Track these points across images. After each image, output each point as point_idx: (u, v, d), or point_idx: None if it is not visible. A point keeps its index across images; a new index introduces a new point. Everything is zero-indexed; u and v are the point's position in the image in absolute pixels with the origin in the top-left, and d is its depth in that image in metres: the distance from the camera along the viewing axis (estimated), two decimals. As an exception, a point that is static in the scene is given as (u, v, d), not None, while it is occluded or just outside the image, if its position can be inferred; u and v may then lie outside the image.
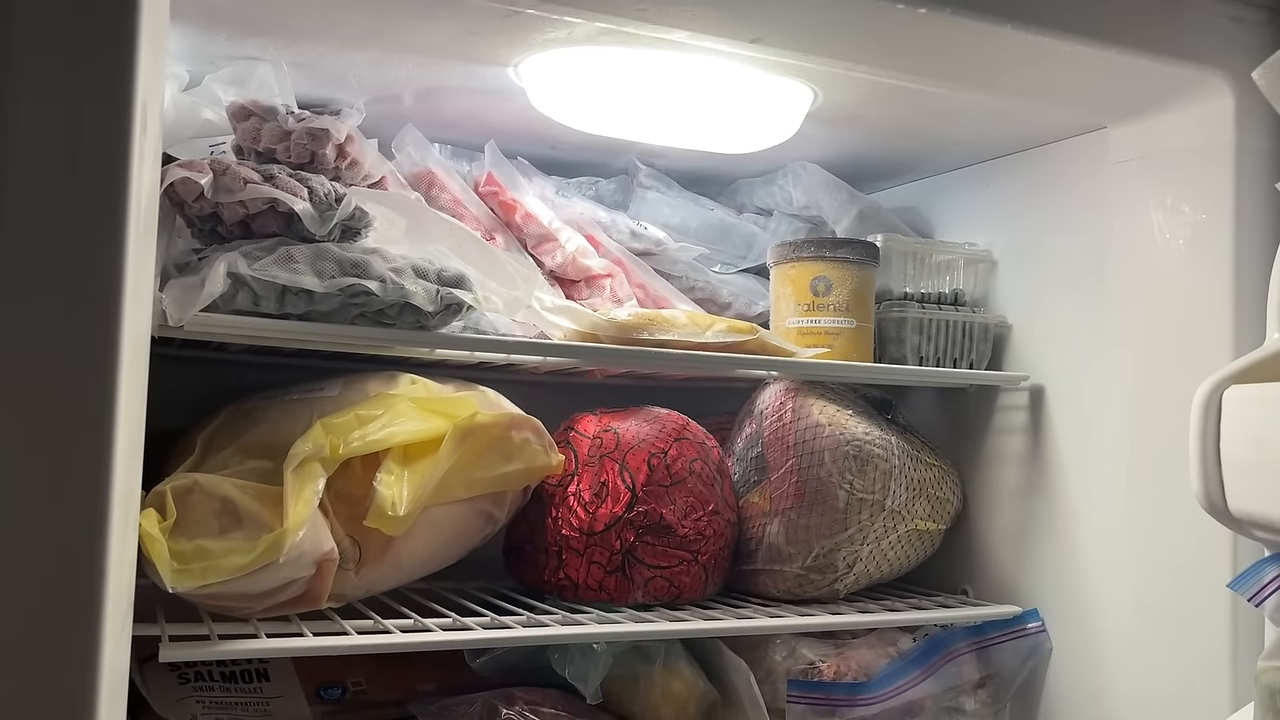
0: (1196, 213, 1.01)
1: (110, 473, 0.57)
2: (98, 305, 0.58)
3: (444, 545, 1.02)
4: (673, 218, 1.25)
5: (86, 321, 0.58)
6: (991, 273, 1.25)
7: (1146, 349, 1.06)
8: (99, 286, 0.58)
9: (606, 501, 1.07)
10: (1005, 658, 1.15)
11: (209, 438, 0.97)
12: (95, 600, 0.60)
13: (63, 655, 0.59)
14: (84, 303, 0.58)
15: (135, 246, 0.61)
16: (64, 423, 0.58)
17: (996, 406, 1.24)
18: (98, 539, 0.59)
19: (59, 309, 0.58)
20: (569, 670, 1.05)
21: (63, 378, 0.58)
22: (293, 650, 0.86)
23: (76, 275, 0.58)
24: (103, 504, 0.59)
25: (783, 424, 1.15)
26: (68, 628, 0.59)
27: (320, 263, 0.85)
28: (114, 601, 0.61)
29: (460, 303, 0.89)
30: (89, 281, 0.58)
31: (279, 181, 0.86)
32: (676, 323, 1.02)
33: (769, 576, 1.15)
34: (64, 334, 0.58)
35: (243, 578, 0.82)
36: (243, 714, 1.06)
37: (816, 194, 1.25)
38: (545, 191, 1.19)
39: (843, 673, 1.09)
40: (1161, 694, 1.03)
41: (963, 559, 1.26)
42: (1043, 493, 1.17)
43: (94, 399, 0.59)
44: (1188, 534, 1.00)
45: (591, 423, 1.13)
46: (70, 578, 0.59)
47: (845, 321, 1.14)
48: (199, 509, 0.82)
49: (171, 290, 0.81)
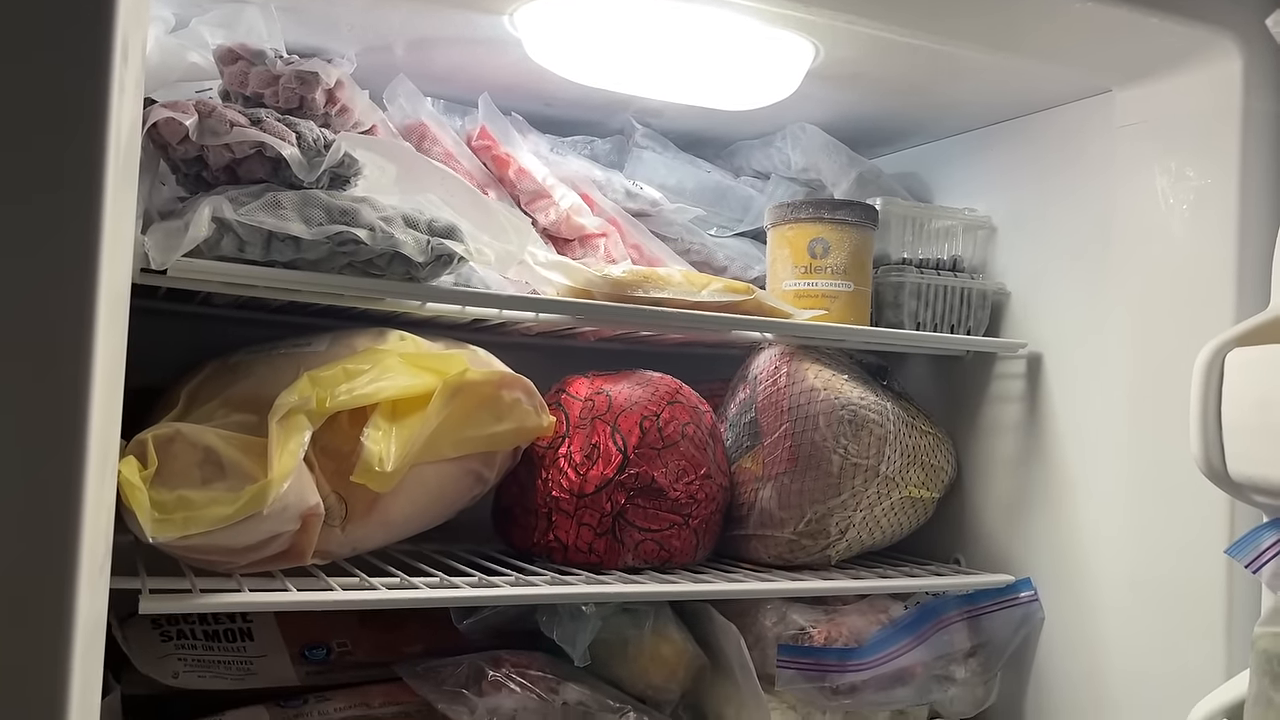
0: (1202, 177, 1.00)
1: (87, 410, 0.55)
2: (76, 236, 0.56)
3: (432, 504, 1.01)
4: (669, 178, 1.23)
5: (63, 256, 0.56)
6: (991, 239, 1.24)
7: (1147, 315, 1.04)
8: (77, 217, 0.56)
9: (598, 463, 1.05)
10: (997, 626, 1.14)
11: (193, 391, 0.95)
12: (70, 547, 0.58)
13: (36, 603, 0.57)
14: (61, 234, 0.56)
15: (115, 180, 0.59)
16: (39, 359, 0.56)
17: (993, 375, 1.22)
18: (73, 482, 0.58)
19: (34, 242, 0.56)
20: (557, 632, 1.03)
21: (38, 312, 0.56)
22: (276, 604, 0.84)
23: (52, 206, 0.56)
24: (78, 444, 0.57)
25: (777, 388, 1.13)
26: (41, 574, 0.57)
27: (308, 209, 0.83)
28: (90, 548, 0.60)
29: (451, 254, 0.87)
30: (66, 212, 0.56)
31: (266, 125, 0.83)
32: (672, 281, 1.00)
33: (760, 542, 1.14)
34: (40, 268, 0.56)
35: (226, 530, 0.80)
36: (225, 672, 1.05)
37: (815, 156, 1.23)
38: (540, 149, 1.16)
39: (834, 638, 1.08)
40: (1155, 663, 1.02)
41: (955, 528, 1.25)
42: (1038, 461, 1.16)
43: (71, 336, 0.57)
44: (1185, 503, 0.99)
45: (583, 385, 1.11)
46: (44, 523, 0.57)
47: (843, 285, 1.12)
48: (181, 458, 0.80)
49: (154, 234, 0.79)
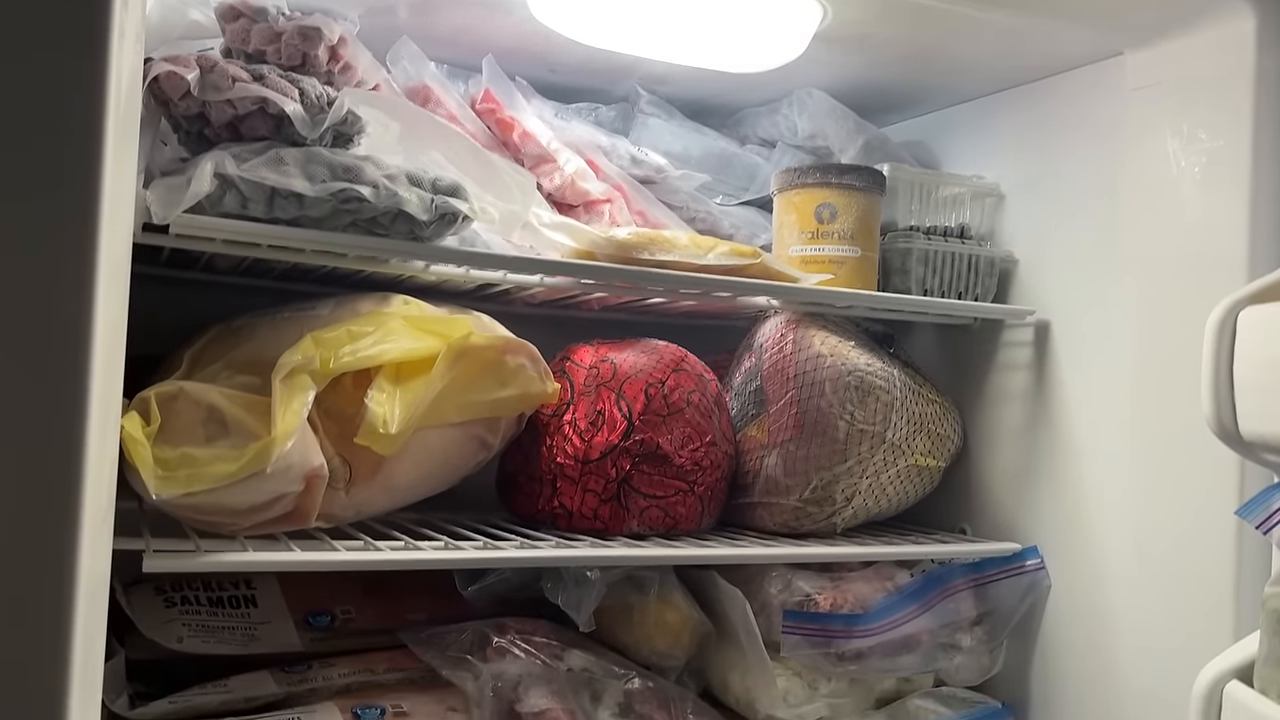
0: (1214, 139, 0.99)
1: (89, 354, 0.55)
2: (76, 179, 0.55)
3: (436, 469, 1.00)
4: (674, 145, 1.22)
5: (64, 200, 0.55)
6: (999, 207, 1.23)
7: (1158, 281, 1.04)
8: (78, 161, 0.55)
9: (602, 430, 1.05)
10: (1003, 595, 1.14)
11: (196, 354, 0.95)
12: (72, 497, 0.57)
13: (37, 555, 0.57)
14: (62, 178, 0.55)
15: (115, 130, 0.58)
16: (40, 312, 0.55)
17: (1000, 343, 1.22)
18: (75, 432, 0.57)
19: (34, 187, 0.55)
20: (562, 598, 1.03)
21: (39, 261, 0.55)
22: (279, 564, 0.84)
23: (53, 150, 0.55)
24: (80, 393, 0.56)
25: (783, 355, 1.13)
26: (43, 524, 0.57)
27: (311, 166, 0.82)
28: (92, 504, 0.59)
29: (456, 212, 0.86)
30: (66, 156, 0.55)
31: (269, 81, 0.82)
32: (678, 243, 1.00)
33: (766, 510, 1.13)
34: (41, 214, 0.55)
35: (229, 488, 0.80)
36: (229, 638, 1.04)
37: (822, 122, 1.22)
38: (544, 114, 1.15)
39: (839, 605, 1.07)
40: (1162, 628, 1.02)
41: (961, 498, 1.24)
42: (1045, 429, 1.16)
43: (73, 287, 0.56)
44: (1193, 468, 0.99)
45: (588, 353, 1.11)
46: (46, 478, 0.56)
47: (849, 250, 1.11)
48: (184, 416, 0.80)
49: (156, 188, 0.78)
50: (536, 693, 1.00)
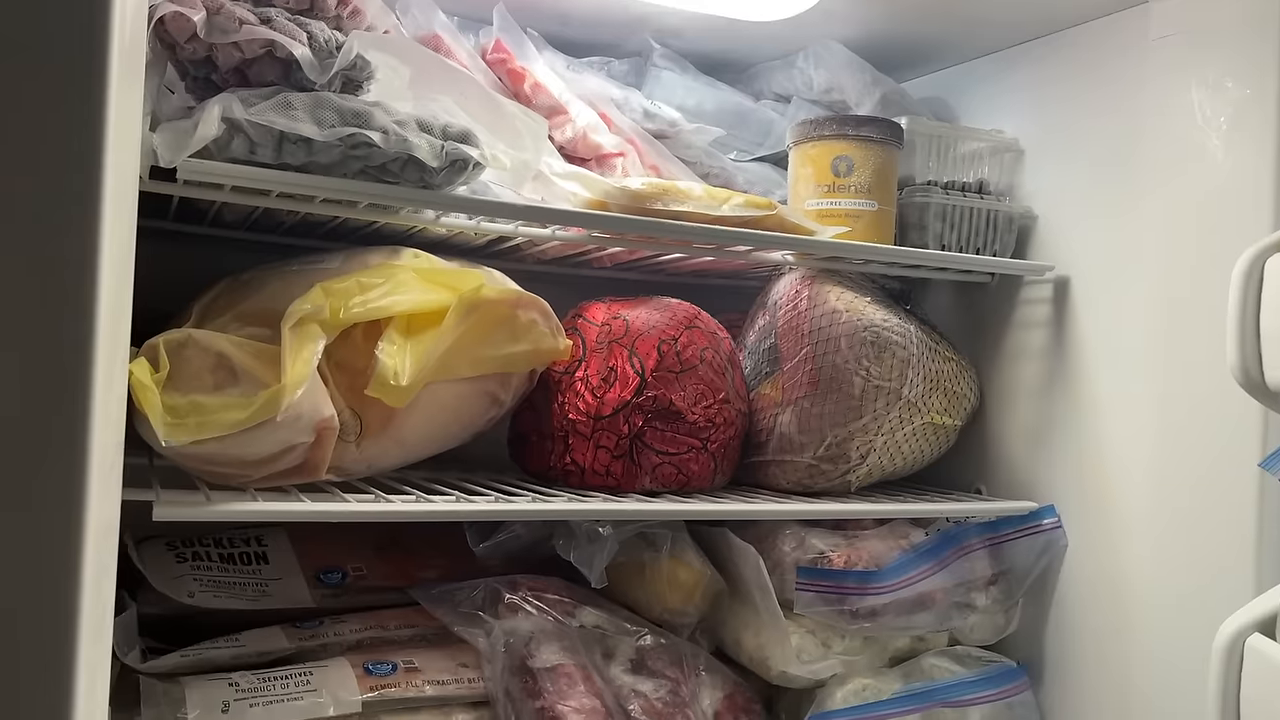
0: (1240, 88, 0.97)
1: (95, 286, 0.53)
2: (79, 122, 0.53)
3: (448, 424, 0.99)
4: (688, 100, 1.20)
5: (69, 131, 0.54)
6: (1018, 162, 1.21)
7: (1181, 233, 1.02)
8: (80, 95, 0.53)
9: (615, 386, 1.04)
10: (1019, 554, 1.13)
11: (205, 306, 0.94)
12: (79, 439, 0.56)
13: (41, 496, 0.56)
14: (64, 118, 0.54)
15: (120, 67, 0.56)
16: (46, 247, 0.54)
17: (1018, 300, 1.20)
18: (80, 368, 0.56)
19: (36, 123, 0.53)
20: (574, 554, 1.02)
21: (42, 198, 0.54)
22: (288, 514, 0.83)
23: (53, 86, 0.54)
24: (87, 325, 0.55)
25: (798, 312, 1.11)
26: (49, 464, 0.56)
27: (320, 111, 0.80)
28: (99, 443, 0.58)
29: (467, 159, 0.85)
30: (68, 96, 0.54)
31: (277, 25, 0.81)
32: (692, 194, 0.98)
33: (779, 468, 1.12)
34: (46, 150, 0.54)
35: (239, 437, 0.79)
36: (241, 593, 1.04)
37: (838, 75, 1.20)
38: (555, 66, 1.13)
39: (853, 562, 1.06)
40: (1181, 586, 1.01)
41: (977, 457, 1.23)
42: (1063, 387, 1.14)
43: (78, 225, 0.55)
44: (1216, 424, 0.97)
45: (600, 310, 1.09)
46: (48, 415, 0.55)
47: (866, 204, 1.09)
48: (193, 363, 0.79)
49: (163, 132, 0.77)
50: (548, 649, 1.00)
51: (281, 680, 0.92)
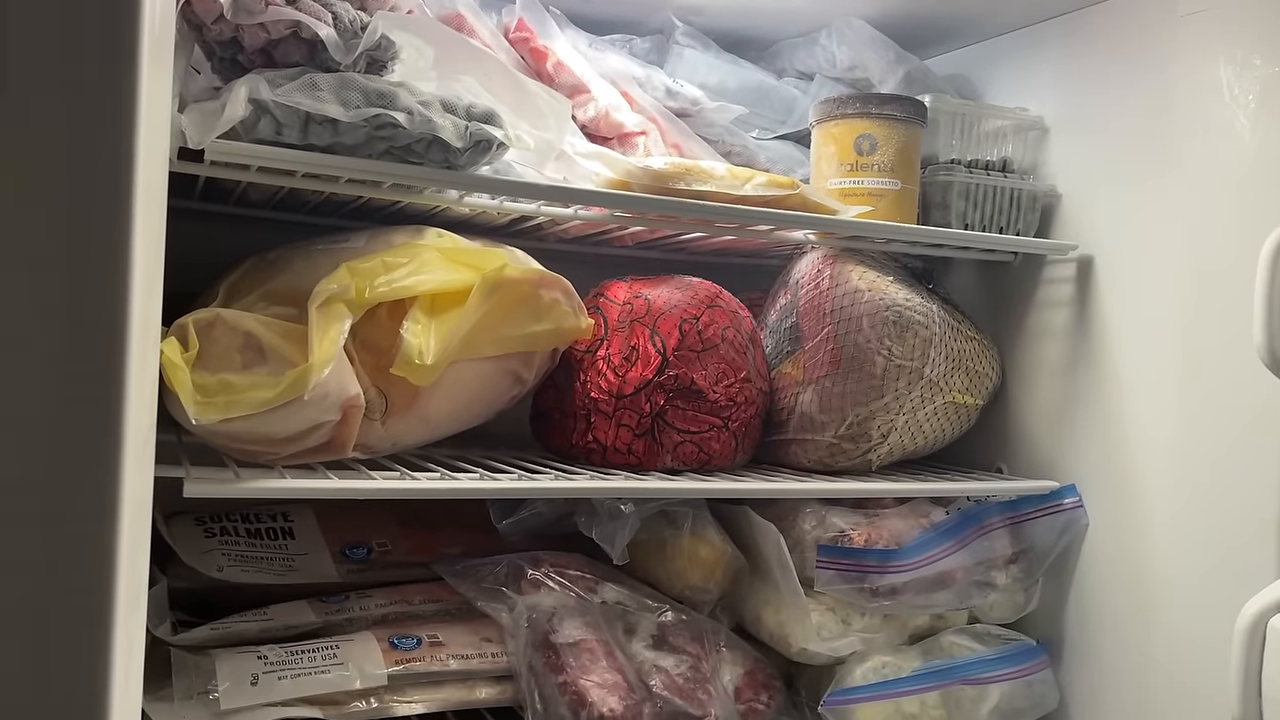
0: (1269, 65, 0.95)
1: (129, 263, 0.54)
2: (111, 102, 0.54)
3: (472, 402, 1.00)
4: (710, 77, 1.20)
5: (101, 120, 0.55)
6: (1043, 140, 1.20)
7: (1207, 214, 1.01)
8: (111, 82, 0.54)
9: (637, 365, 1.04)
10: (1039, 533, 1.13)
11: (231, 285, 0.95)
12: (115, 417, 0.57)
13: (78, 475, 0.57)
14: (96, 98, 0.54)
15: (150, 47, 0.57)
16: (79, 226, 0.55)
17: (1042, 280, 1.20)
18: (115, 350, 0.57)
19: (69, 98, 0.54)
20: (596, 531, 1.03)
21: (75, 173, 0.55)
22: (316, 491, 0.84)
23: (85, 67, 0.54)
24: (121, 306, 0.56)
25: (820, 291, 1.11)
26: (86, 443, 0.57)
27: (345, 92, 0.81)
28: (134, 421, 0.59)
29: (491, 139, 0.85)
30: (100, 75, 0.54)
31: (302, 5, 0.81)
32: (714, 174, 0.98)
33: (800, 447, 1.12)
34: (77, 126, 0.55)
35: (267, 415, 0.80)
36: (268, 568, 1.06)
37: (862, 52, 1.19)
38: (578, 44, 1.13)
39: (874, 540, 1.07)
40: (1204, 567, 1.01)
41: (998, 437, 1.23)
42: (1086, 367, 1.14)
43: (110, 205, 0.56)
44: (1241, 405, 0.97)
45: (622, 289, 1.10)
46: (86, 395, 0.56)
47: (889, 183, 1.09)
48: (222, 343, 0.80)
49: (191, 113, 0.78)
50: (571, 624, 1.01)
51: (309, 654, 0.94)
